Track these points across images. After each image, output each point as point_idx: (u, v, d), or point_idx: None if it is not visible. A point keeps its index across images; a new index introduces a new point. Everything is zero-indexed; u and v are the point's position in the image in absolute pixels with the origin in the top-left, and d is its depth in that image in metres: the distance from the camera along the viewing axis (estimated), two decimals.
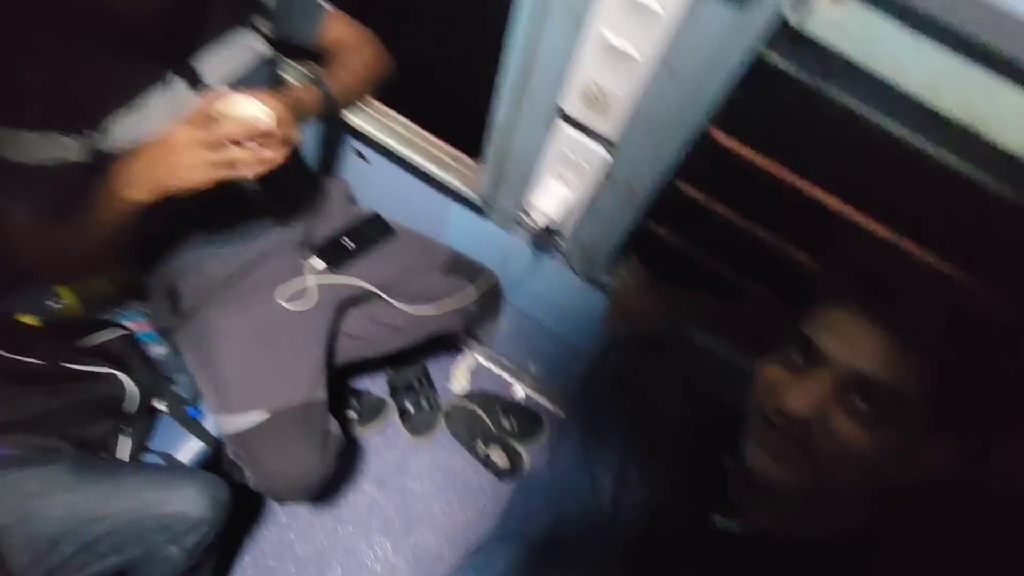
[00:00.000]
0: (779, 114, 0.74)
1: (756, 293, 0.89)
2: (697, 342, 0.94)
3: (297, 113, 0.79)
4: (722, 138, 0.74)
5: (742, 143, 0.73)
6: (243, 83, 0.85)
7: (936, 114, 0.53)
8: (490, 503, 1.39)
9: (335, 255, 1.08)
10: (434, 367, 1.53)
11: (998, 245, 0.62)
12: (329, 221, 1.12)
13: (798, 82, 0.59)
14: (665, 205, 0.87)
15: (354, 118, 1.02)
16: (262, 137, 0.71)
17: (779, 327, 0.61)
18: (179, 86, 0.82)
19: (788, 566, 0.59)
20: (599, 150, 0.78)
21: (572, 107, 0.75)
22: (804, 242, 0.79)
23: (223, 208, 0.94)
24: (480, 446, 1.40)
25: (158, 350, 1.03)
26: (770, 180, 0.73)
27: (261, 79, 0.89)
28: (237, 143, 0.70)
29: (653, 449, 0.93)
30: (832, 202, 0.70)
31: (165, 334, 1.02)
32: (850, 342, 0.50)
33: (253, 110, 0.70)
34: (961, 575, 0.58)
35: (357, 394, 1.44)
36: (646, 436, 0.94)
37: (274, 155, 0.72)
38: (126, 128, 0.76)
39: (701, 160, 0.79)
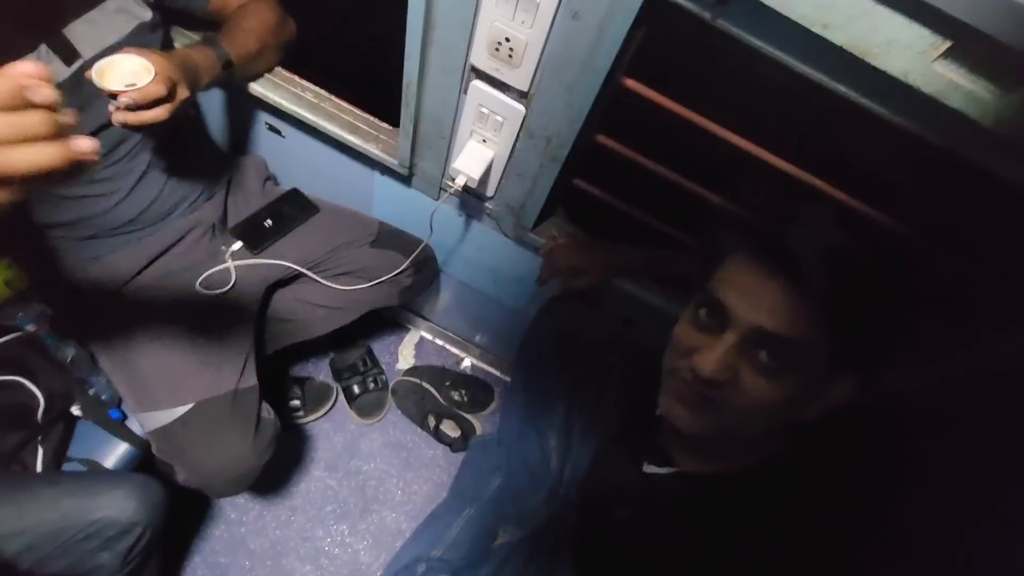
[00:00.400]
0: (686, 57, 0.75)
1: (681, 240, 0.90)
2: (630, 293, 0.96)
3: (188, 74, 0.73)
4: (636, 87, 0.74)
5: (655, 91, 0.73)
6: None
7: (824, 44, 0.54)
8: (446, 475, 1.39)
9: (255, 236, 1.03)
10: (379, 347, 1.50)
11: (890, 171, 0.66)
12: (246, 201, 1.06)
13: (696, 19, 0.59)
14: (587, 160, 0.87)
15: (261, 89, 0.96)
16: (146, 93, 0.66)
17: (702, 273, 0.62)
18: (53, 61, 0.75)
19: (710, 499, 0.62)
20: (513, 103, 0.77)
21: (480, 60, 0.73)
22: (718, 185, 0.81)
23: (122, 189, 0.87)
24: (431, 421, 1.39)
25: (66, 352, 0.95)
26: (684, 126, 0.73)
27: (147, 46, 0.82)
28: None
29: (595, 402, 0.95)
30: (740, 142, 0.72)
31: (72, 334, 0.94)
32: (750, 299, 0.52)
33: (132, 65, 0.66)
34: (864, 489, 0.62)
35: (300, 381, 1.40)
36: (587, 390, 0.96)
37: (158, 113, 0.68)
38: None
39: (618, 111, 0.79)
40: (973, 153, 0.59)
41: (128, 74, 0.66)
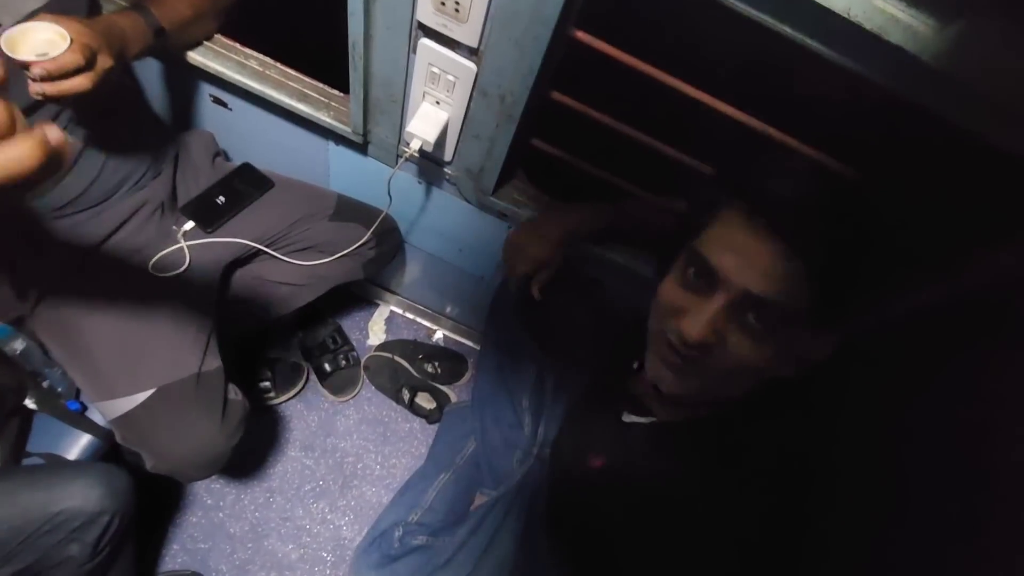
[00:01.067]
0: (634, 6, 0.74)
1: (641, 197, 0.90)
2: (595, 253, 0.96)
3: (112, 42, 0.69)
4: (587, 39, 0.72)
5: (606, 42, 0.72)
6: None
7: None
8: (423, 447, 1.40)
9: (207, 214, 0.99)
10: (348, 323, 1.48)
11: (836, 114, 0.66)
12: (196, 178, 1.02)
13: None
14: (545, 119, 0.86)
15: (201, 58, 0.91)
16: (60, 64, 0.62)
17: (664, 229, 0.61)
18: None
19: (687, 443, 0.63)
20: (464, 61, 0.75)
21: (427, 15, 0.70)
22: (677, 138, 0.81)
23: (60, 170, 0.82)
24: (405, 394, 1.39)
25: (15, 345, 0.91)
26: (640, 79, 0.73)
27: (70, 12, 0.77)
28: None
29: (566, 361, 0.96)
30: (696, 94, 0.72)
31: (18, 326, 0.90)
32: (741, 261, 0.50)
33: (46, 34, 0.62)
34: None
35: (270, 362, 1.37)
36: (557, 350, 0.97)
37: (77, 83, 0.64)
38: None
39: (571, 66, 0.77)
40: (913, 91, 0.60)
41: (42, 43, 0.62)
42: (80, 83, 0.64)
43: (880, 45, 0.55)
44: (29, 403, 0.91)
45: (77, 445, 0.94)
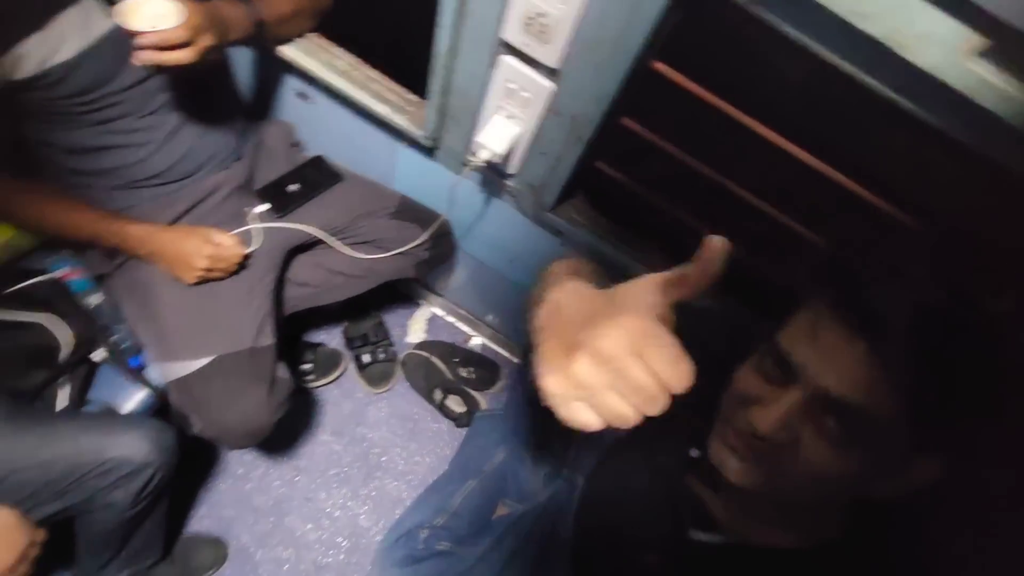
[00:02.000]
0: (719, 44, 0.75)
1: (695, 227, 0.90)
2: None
3: (216, 25, 0.75)
4: (665, 70, 0.74)
5: (685, 76, 0.73)
6: None
7: (859, 36, 0.54)
8: (449, 449, 1.42)
9: (279, 199, 1.05)
10: (391, 319, 1.52)
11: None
12: (272, 164, 1.08)
13: (733, 6, 0.59)
14: (612, 143, 0.88)
15: (293, 53, 0.97)
16: (166, 37, 0.69)
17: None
18: (90, 3, 0.77)
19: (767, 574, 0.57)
20: (542, 80, 0.77)
21: (512, 34, 0.73)
22: (743, 176, 0.81)
23: (154, 141, 0.89)
24: (437, 395, 1.42)
25: (92, 298, 0.98)
26: (713, 114, 0.74)
27: None
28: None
29: None
30: (774, 138, 0.72)
31: (99, 281, 0.97)
32: (823, 357, 0.46)
33: (159, 8, 0.69)
34: None
35: (313, 347, 1.42)
36: None
37: (180, 56, 0.70)
38: (39, 53, 0.72)
39: (646, 95, 0.79)
40: (1002, 154, 0.58)
41: (153, 16, 0.69)
42: (182, 56, 0.70)
43: (968, 107, 0.54)
44: (96, 355, 0.98)
45: (133, 399, 1.00)
